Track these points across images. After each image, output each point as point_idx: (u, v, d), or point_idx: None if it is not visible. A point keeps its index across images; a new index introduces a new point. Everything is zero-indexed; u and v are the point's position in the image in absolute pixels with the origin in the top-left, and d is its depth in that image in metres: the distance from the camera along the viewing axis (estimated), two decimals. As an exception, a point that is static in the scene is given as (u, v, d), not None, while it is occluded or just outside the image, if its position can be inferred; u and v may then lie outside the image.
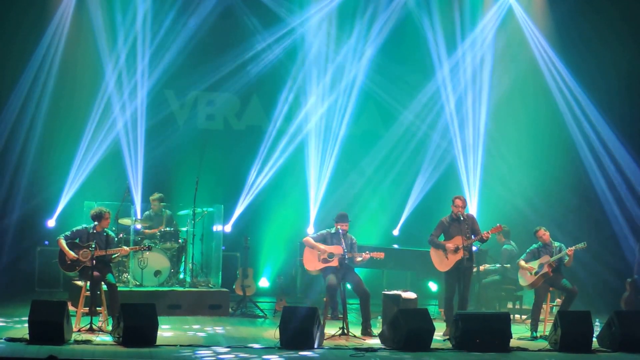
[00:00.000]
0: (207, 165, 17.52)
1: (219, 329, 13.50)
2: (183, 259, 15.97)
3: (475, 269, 15.08)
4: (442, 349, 11.99)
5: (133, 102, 17.34)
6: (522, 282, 13.83)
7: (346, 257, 13.14)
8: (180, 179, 17.28)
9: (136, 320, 11.45)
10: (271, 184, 18.34)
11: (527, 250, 13.87)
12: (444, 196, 15.57)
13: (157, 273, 15.36)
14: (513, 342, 12.30)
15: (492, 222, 15.30)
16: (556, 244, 13.73)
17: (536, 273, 13.51)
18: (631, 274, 16.07)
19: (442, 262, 13.56)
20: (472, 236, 13.54)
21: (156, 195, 16.21)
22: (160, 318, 11.82)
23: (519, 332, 13.32)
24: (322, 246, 13.48)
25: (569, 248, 13.52)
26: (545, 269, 13.48)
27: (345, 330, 12.79)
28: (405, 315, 11.96)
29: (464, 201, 13.78)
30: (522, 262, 13.75)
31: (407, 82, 18.82)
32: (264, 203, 18.39)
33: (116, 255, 13.06)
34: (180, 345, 11.62)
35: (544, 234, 13.75)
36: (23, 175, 17.15)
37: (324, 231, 13.76)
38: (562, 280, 13.59)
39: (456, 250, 13.36)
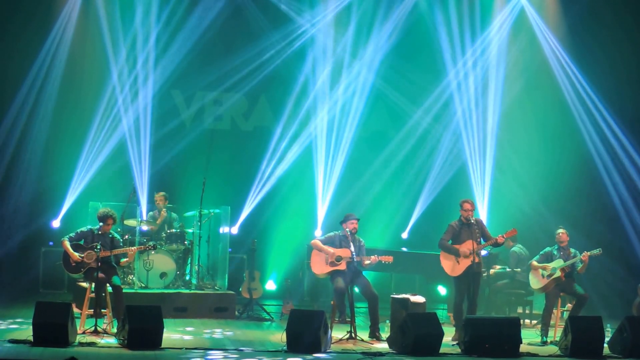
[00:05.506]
0: (214, 166, 17.47)
1: (225, 332, 13.42)
2: (189, 261, 15.89)
3: (485, 274, 15.00)
4: (451, 354, 11.90)
5: (140, 102, 17.28)
6: (534, 284, 13.73)
7: (354, 260, 13.03)
8: (187, 180, 17.23)
9: (141, 323, 11.38)
10: (279, 185, 18.27)
11: (541, 252, 13.81)
12: (453, 199, 15.41)
13: (162, 275, 15.27)
14: (523, 348, 12.19)
15: (503, 225, 15.20)
16: (572, 250, 13.62)
17: (549, 276, 13.40)
18: (643, 279, 15.95)
19: (454, 268, 13.41)
20: (483, 241, 13.41)
21: (160, 194, 16.12)
22: (165, 320, 11.76)
23: (529, 337, 13.20)
24: (330, 249, 13.35)
25: (584, 253, 13.44)
26: (559, 273, 13.37)
27: (353, 334, 12.71)
28: (414, 319, 11.86)
29: (473, 204, 13.68)
30: (535, 263, 13.69)
31: (418, 84, 18.71)
32: (271, 205, 18.31)
33: (124, 260, 12.95)
34: (186, 348, 11.55)
35: (563, 235, 13.65)
36: (28, 175, 17.09)
37: (331, 234, 13.68)
38: (574, 286, 13.52)
39: (469, 254, 13.20)
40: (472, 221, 13.39)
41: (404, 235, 18.63)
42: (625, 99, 18.16)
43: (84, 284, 13.46)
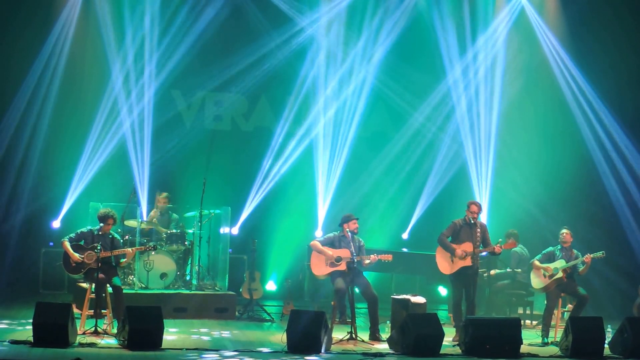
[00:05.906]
0: (215, 166, 17.45)
1: (226, 333, 13.41)
2: (189, 262, 15.86)
3: (485, 275, 14.98)
4: (452, 355, 11.88)
5: (140, 103, 17.25)
6: (535, 284, 13.70)
7: (355, 260, 13.00)
8: (187, 180, 17.18)
9: (141, 323, 11.37)
10: (279, 186, 18.23)
11: (543, 252, 13.77)
12: (454, 199, 15.42)
13: (163, 275, 15.24)
14: (524, 348, 12.18)
15: (503, 225, 15.16)
16: (575, 251, 13.60)
17: (551, 276, 13.38)
18: (644, 280, 15.93)
19: (449, 265, 13.42)
20: (481, 245, 13.38)
21: (163, 194, 16.09)
22: (165, 321, 11.75)
23: (530, 338, 13.18)
24: (329, 252, 13.33)
25: (587, 255, 13.39)
26: (561, 274, 13.35)
27: (354, 335, 12.67)
28: (414, 320, 11.85)
29: (480, 207, 13.65)
30: (537, 263, 13.65)
31: (418, 84, 18.67)
32: (271, 205, 18.28)
33: (124, 260, 12.94)
34: (186, 349, 11.54)
35: (566, 235, 13.62)
36: (28, 175, 17.07)
37: (331, 234, 13.66)
38: (575, 286, 13.51)
39: (464, 256, 13.21)
40: (475, 223, 13.37)
41: (405, 235, 18.60)
42: (625, 99, 18.13)
43: (84, 285, 13.44)
